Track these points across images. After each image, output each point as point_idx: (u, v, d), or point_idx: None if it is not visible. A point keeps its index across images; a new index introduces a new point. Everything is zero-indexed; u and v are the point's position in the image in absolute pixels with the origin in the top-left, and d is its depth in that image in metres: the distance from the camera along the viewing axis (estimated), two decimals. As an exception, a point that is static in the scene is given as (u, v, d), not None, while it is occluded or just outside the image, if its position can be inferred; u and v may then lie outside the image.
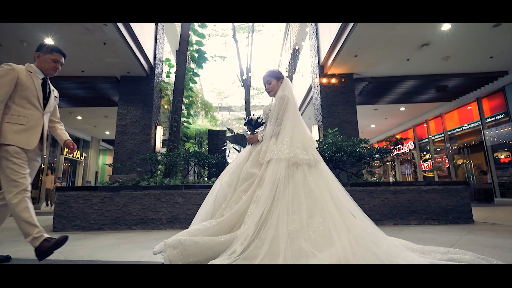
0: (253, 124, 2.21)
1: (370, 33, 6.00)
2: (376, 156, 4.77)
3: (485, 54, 6.97)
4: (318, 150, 4.52)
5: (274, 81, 2.23)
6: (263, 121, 2.22)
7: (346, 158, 4.40)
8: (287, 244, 1.49)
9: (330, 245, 1.44)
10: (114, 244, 2.56)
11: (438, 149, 11.83)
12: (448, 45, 6.44)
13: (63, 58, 2.21)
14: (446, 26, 5.76)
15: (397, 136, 4.82)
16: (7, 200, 1.89)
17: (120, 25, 5.87)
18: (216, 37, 14.19)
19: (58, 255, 2.10)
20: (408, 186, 3.77)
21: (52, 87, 2.25)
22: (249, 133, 2.30)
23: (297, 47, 13.17)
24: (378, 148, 4.52)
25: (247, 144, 2.26)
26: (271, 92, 2.24)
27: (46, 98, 2.14)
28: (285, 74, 15.24)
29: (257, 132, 2.21)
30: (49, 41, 6.03)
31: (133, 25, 6.49)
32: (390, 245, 1.53)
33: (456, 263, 1.44)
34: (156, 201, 3.63)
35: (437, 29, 5.86)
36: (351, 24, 5.93)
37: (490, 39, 6.22)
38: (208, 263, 1.45)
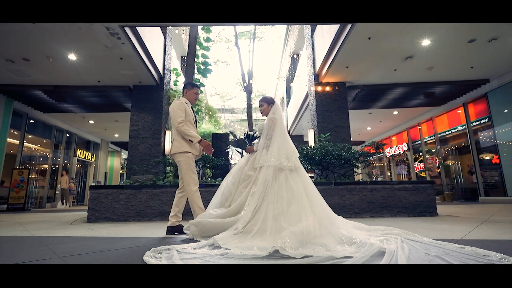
0: (250, 138, 2.95)
1: (357, 48, 6.70)
2: (360, 158, 5.48)
3: (465, 64, 7.64)
4: (309, 154, 5.22)
5: (265, 104, 2.94)
6: (257, 136, 2.95)
7: (334, 160, 5.12)
8: (272, 223, 2.20)
9: (299, 223, 2.15)
10: (143, 228, 3.29)
11: (433, 150, 12.45)
12: (430, 57, 7.12)
13: (199, 90, 3.17)
14: (426, 42, 6.44)
15: (382, 142, 5.50)
16: (186, 190, 2.81)
17: (135, 42, 6.61)
18: (219, 42, 14.94)
19: (110, 233, 2.83)
20: (383, 185, 4.48)
21: None
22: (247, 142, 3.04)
23: (295, 56, 13.87)
24: (361, 152, 5.21)
25: (247, 152, 2.98)
26: (263, 112, 2.95)
27: (195, 120, 3.09)
28: (284, 79, 15.98)
29: (253, 144, 2.94)
30: (72, 56, 6.80)
31: (145, 39, 7.21)
32: (342, 224, 2.25)
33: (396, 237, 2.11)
34: (171, 197, 4.35)
35: (418, 44, 6.54)
36: (341, 40, 6.63)
37: (467, 52, 6.89)
38: (217, 235, 2.16)
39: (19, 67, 7.26)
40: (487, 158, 9.34)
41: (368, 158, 5.33)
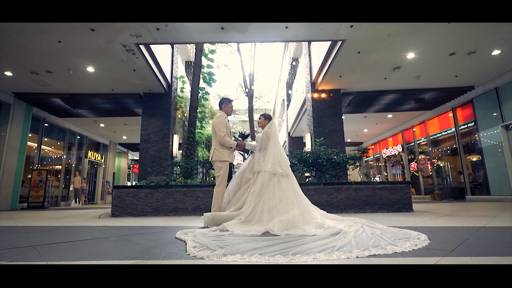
0: (244, 136, 3.73)
1: (349, 60, 7.38)
2: (350, 161, 6.16)
3: (450, 74, 8.29)
4: (303, 158, 5.90)
5: (263, 118, 3.65)
6: (250, 135, 3.73)
7: (325, 163, 5.81)
8: (267, 215, 2.90)
9: (287, 214, 2.85)
10: (163, 221, 4.00)
11: (428, 151, 13.06)
12: (416, 68, 7.78)
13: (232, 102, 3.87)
14: (410, 55, 7.10)
15: (367, 147, 6.17)
16: (216, 190, 3.44)
17: (147, 56, 7.33)
18: (222, 47, 15.67)
19: (137, 223, 3.53)
20: (366, 185, 5.16)
21: None
22: (240, 139, 3.86)
23: (294, 63, 14.58)
24: (349, 156, 5.90)
25: (238, 147, 3.67)
26: (260, 125, 3.66)
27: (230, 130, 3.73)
28: (285, 83, 16.67)
29: (245, 141, 3.68)
30: (90, 69, 7.54)
31: (156, 51, 7.90)
32: (318, 215, 2.95)
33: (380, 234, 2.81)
34: (183, 196, 5.08)
35: (404, 57, 7.20)
36: (334, 53, 7.31)
37: (450, 63, 7.55)
38: (226, 222, 2.86)
39: (42, 78, 8.02)
40: (473, 159, 9.99)
41: (357, 161, 6.01)
